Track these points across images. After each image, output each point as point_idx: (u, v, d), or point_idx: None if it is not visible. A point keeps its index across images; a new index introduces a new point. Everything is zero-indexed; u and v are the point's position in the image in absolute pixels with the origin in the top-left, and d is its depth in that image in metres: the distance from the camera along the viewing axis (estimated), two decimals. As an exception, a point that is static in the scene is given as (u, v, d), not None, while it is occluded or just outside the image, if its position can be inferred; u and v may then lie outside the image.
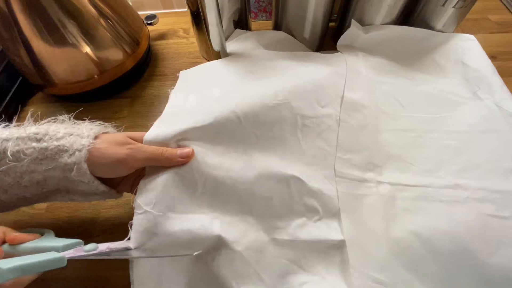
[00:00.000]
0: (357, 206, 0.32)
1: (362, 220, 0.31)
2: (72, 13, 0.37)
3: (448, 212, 0.31)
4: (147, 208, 0.25)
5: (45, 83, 0.42)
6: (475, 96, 0.40)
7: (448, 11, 0.43)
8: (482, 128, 0.37)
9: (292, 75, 0.39)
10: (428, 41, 0.46)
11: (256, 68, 0.42)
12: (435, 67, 0.44)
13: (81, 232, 0.34)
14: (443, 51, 0.46)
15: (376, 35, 0.45)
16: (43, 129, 0.25)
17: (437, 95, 0.41)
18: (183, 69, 0.49)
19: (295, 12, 0.45)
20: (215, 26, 0.43)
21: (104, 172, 0.26)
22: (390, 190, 0.33)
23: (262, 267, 0.28)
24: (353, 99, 0.38)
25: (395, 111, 0.39)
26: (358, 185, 0.33)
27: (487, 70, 0.42)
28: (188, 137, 0.30)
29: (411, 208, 0.31)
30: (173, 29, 0.57)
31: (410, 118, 0.39)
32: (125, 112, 0.44)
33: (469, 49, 0.45)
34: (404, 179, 0.33)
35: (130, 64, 0.45)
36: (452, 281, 0.28)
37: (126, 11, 0.45)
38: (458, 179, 0.33)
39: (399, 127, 0.38)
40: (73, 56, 0.39)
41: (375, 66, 0.44)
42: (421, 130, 0.37)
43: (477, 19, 0.54)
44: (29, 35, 0.36)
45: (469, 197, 0.31)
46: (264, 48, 0.47)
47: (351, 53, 0.45)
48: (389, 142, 0.36)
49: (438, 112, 0.39)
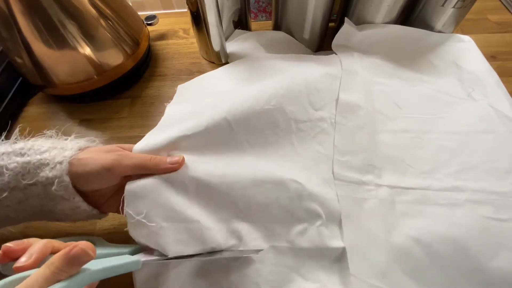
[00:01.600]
0: (357, 210, 0.31)
1: (362, 226, 0.30)
2: (72, 13, 0.37)
3: (447, 215, 0.30)
4: (139, 217, 0.25)
5: (45, 84, 0.42)
6: (469, 97, 0.40)
7: (448, 11, 0.43)
8: (478, 129, 0.37)
9: (286, 79, 0.38)
10: (423, 41, 0.46)
11: (250, 74, 0.42)
12: (430, 67, 0.44)
13: (82, 233, 0.34)
14: (438, 51, 0.46)
15: (371, 34, 0.45)
16: (29, 144, 0.25)
17: (433, 96, 0.41)
18: (183, 69, 0.50)
19: (294, 13, 0.45)
20: (215, 26, 0.43)
21: (89, 181, 0.25)
22: (390, 194, 0.32)
23: (261, 277, 0.27)
24: (348, 100, 0.38)
25: (391, 112, 0.39)
26: (357, 188, 0.33)
27: (481, 71, 0.42)
28: (178, 146, 0.29)
29: (410, 212, 0.31)
30: (173, 30, 0.57)
31: (407, 119, 0.38)
32: (125, 113, 0.44)
33: (464, 50, 0.45)
34: (403, 182, 0.33)
35: (130, 64, 0.45)
36: (453, 286, 0.28)
37: (126, 11, 0.45)
38: (456, 181, 0.33)
39: (396, 128, 0.38)
40: (73, 57, 0.39)
41: (371, 66, 0.43)
42: (418, 131, 0.37)
43: (477, 19, 0.54)
44: (29, 35, 0.36)
45: (467, 199, 0.31)
46: (264, 48, 0.47)
47: (347, 53, 0.44)
48: (386, 144, 0.36)
49: (434, 113, 0.39)
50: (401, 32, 0.45)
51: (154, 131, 0.32)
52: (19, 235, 0.23)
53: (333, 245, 0.29)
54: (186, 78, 0.48)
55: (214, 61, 0.50)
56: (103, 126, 0.43)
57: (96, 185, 0.26)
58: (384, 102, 0.40)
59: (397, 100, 0.40)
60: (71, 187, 0.24)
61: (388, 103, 0.40)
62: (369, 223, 0.30)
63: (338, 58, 0.43)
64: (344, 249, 0.29)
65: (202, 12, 0.41)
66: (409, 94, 0.41)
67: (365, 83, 0.41)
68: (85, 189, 0.25)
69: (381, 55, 0.45)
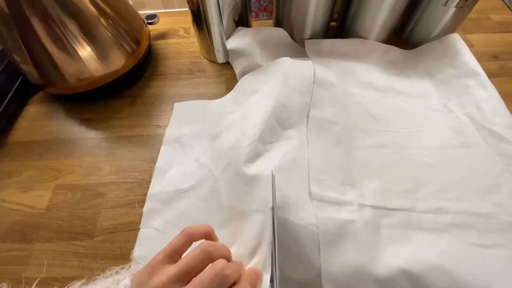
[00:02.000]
0: (340, 236, 0.28)
1: (345, 254, 0.27)
2: (73, 12, 0.37)
3: (434, 242, 0.29)
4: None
5: (45, 83, 0.42)
6: (445, 108, 0.40)
7: (450, 11, 0.43)
8: (455, 142, 0.36)
9: (260, 105, 0.37)
10: (394, 53, 0.46)
11: (230, 106, 0.42)
12: (404, 78, 0.43)
13: (82, 232, 0.34)
14: (410, 62, 0.45)
15: (341, 45, 0.45)
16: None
17: (408, 109, 0.40)
18: (183, 69, 0.50)
19: (295, 12, 0.45)
20: (215, 25, 0.43)
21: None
22: (374, 215, 0.31)
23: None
24: (321, 116, 0.37)
25: (368, 125, 0.38)
26: (340, 209, 0.30)
27: (456, 81, 0.41)
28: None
29: (396, 237, 0.30)
30: (174, 29, 0.56)
31: (384, 133, 0.37)
32: (125, 112, 0.44)
33: (437, 59, 0.44)
34: (386, 202, 0.32)
35: (131, 63, 0.45)
36: None
37: (127, 10, 0.44)
38: (438, 202, 0.32)
39: (373, 143, 0.36)
40: (73, 56, 0.39)
41: (347, 75, 0.42)
42: (396, 146, 0.36)
43: (479, 19, 0.54)
44: (29, 34, 0.36)
45: (451, 223, 0.30)
46: (259, 46, 0.47)
47: (323, 63, 0.43)
48: (365, 160, 0.35)
49: (411, 127, 0.38)
50: (369, 46, 0.46)
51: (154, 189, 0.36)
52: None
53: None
54: (187, 77, 0.48)
55: (214, 60, 0.50)
56: (103, 126, 0.43)
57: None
58: (360, 115, 0.38)
59: (374, 113, 0.39)
60: None
61: (365, 116, 0.38)
62: (353, 253, 0.28)
63: (313, 68, 0.41)
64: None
65: (203, 11, 0.41)
66: (385, 107, 0.40)
67: (342, 95, 0.40)
68: None
69: (355, 66, 0.44)
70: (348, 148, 0.36)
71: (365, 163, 0.35)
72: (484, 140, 0.36)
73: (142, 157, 0.39)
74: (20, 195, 0.37)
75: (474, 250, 0.29)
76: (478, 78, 0.40)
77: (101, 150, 0.40)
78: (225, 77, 0.48)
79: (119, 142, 0.41)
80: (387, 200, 0.32)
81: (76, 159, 0.40)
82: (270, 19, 0.57)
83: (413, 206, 0.32)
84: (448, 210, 0.31)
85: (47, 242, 0.33)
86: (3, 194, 0.37)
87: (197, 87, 0.47)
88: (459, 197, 0.32)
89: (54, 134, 0.42)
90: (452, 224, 0.30)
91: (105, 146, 0.41)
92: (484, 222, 0.30)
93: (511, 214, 0.31)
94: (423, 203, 0.32)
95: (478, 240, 0.29)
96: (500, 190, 0.32)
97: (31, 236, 0.34)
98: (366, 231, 0.29)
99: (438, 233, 0.30)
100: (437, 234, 0.30)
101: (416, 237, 0.30)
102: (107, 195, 0.36)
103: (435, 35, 0.47)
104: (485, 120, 0.37)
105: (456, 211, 0.31)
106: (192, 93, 0.46)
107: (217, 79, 0.48)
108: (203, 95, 0.46)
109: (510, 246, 0.29)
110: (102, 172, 0.38)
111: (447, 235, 0.30)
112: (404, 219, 0.31)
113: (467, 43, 0.45)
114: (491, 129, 0.36)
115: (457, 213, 0.31)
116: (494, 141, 0.36)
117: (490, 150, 0.35)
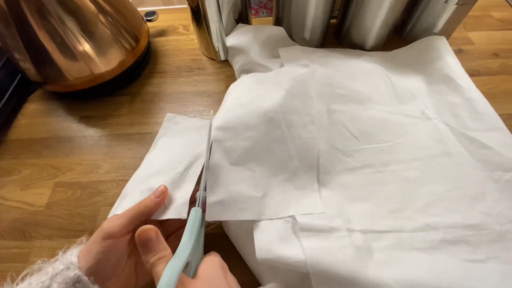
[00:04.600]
0: (331, 266, 0.26)
1: (338, 282, 0.26)
2: (71, 9, 0.37)
3: (427, 262, 0.28)
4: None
5: (44, 80, 0.41)
6: (423, 115, 0.39)
7: (451, 8, 0.43)
8: (436, 152, 0.35)
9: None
10: (368, 58, 0.45)
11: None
12: (381, 86, 0.42)
13: (82, 229, 0.34)
14: (389, 66, 0.44)
15: (318, 54, 0.44)
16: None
17: (387, 119, 0.38)
18: (183, 66, 0.50)
19: (295, 9, 0.45)
20: (215, 23, 0.43)
21: (106, 267, 0.24)
22: (365, 240, 0.29)
23: None
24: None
25: (348, 146, 0.36)
26: (328, 236, 0.28)
27: (430, 88, 0.41)
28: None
29: (389, 260, 0.28)
30: (173, 26, 0.56)
31: (365, 150, 0.36)
32: (124, 110, 0.44)
33: (412, 66, 0.44)
34: (374, 225, 0.30)
35: (130, 61, 0.44)
36: None
37: (126, 7, 0.44)
38: (426, 217, 0.31)
39: (354, 165, 0.35)
40: (72, 53, 0.39)
41: (324, 87, 0.39)
42: (377, 164, 0.35)
43: (480, 16, 0.54)
44: (28, 31, 0.36)
45: (442, 239, 0.29)
46: (257, 44, 0.47)
47: (303, 72, 0.39)
48: (347, 185, 0.34)
49: (391, 139, 0.37)
50: (341, 53, 0.45)
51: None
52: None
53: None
54: (186, 74, 0.48)
55: (214, 57, 0.49)
56: (102, 123, 0.43)
57: (111, 269, 0.25)
58: (340, 135, 0.37)
59: (353, 130, 0.37)
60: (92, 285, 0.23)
61: (345, 136, 0.37)
62: (347, 280, 0.26)
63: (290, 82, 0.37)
64: None
65: (202, 8, 0.41)
66: (364, 120, 0.38)
67: (320, 113, 0.37)
68: (108, 282, 0.24)
69: (333, 75, 0.41)
70: (329, 174, 0.34)
71: (349, 188, 0.34)
72: (464, 147, 0.35)
73: (141, 154, 0.39)
74: (19, 193, 0.37)
75: (468, 267, 0.28)
76: (452, 84, 0.40)
77: (100, 147, 0.40)
78: (225, 74, 0.48)
79: (119, 140, 0.41)
80: (375, 223, 0.31)
81: (76, 157, 0.40)
82: (270, 16, 0.56)
83: (402, 226, 0.31)
84: (437, 225, 0.30)
85: (47, 239, 0.33)
86: (3, 192, 0.37)
87: (197, 84, 0.47)
88: (447, 210, 0.31)
89: (53, 132, 0.42)
90: (444, 240, 0.29)
91: (105, 143, 0.41)
92: (475, 234, 0.30)
93: (500, 223, 0.30)
94: (412, 221, 0.31)
95: (472, 256, 0.28)
96: (485, 199, 0.32)
97: (30, 234, 0.34)
98: (358, 257, 0.27)
99: (431, 252, 0.29)
100: (429, 253, 0.29)
101: (409, 259, 0.28)
102: (106, 192, 0.36)
103: (435, 32, 0.47)
104: (462, 126, 0.37)
105: (445, 226, 0.30)
106: (192, 91, 0.46)
107: (217, 76, 0.48)
108: (202, 93, 0.46)
109: (504, 258, 0.28)
110: (102, 170, 0.38)
111: (440, 253, 0.29)
112: (396, 240, 0.30)
113: (468, 41, 0.44)
114: (468, 135, 0.36)
115: (447, 228, 0.30)
116: (473, 148, 0.35)
117: (471, 158, 0.35)
